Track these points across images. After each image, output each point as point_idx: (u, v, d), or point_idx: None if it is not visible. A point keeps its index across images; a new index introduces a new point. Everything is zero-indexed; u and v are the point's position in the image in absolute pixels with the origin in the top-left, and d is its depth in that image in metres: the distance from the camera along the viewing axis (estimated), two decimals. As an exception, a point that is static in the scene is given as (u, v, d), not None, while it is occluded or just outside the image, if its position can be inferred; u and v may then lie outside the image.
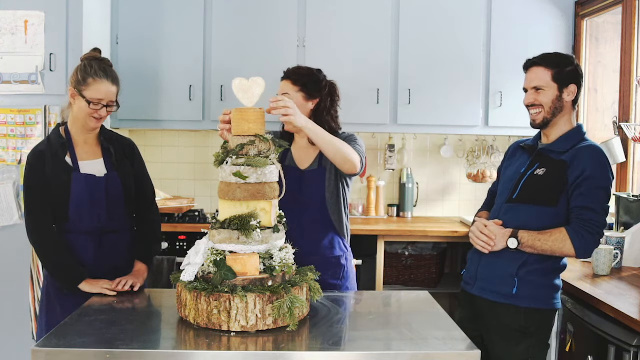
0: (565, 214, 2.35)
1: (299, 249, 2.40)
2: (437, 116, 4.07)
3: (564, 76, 2.39)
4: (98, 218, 2.49)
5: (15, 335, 3.38)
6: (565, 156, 2.36)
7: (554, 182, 2.34)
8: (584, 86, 4.06)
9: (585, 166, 2.30)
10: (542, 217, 2.35)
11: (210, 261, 2.01)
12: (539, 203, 2.37)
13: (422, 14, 4.05)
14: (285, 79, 2.68)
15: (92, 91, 2.41)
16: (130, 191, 2.58)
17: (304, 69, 2.70)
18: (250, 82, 2.12)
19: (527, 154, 2.51)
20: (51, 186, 2.44)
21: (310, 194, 2.63)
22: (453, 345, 1.87)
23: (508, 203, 2.45)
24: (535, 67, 2.43)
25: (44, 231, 2.45)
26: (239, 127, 2.08)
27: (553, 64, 2.40)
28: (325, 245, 2.65)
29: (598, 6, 3.87)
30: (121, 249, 2.56)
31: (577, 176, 2.30)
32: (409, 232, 3.90)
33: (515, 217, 2.40)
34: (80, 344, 1.83)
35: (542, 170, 2.39)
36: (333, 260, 2.66)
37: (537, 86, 2.41)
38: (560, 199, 2.34)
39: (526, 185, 2.41)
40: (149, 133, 4.40)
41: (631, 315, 2.18)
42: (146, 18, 4.04)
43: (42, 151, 2.47)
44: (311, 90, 2.65)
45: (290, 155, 2.71)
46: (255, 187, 2.04)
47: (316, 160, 2.68)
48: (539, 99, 2.41)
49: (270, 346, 1.84)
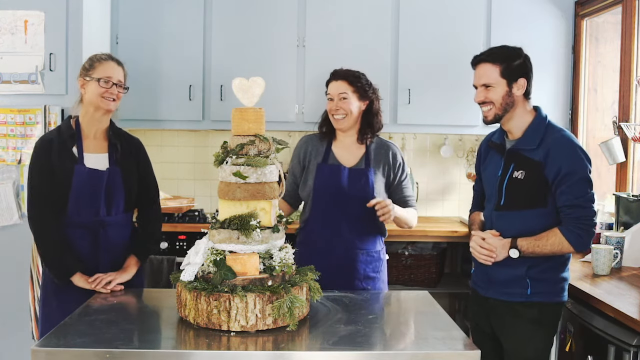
0: (556, 211, 2.36)
1: (346, 244, 2.76)
2: (437, 116, 4.06)
3: (512, 71, 2.39)
4: (96, 212, 2.50)
5: (15, 335, 3.38)
6: (538, 155, 2.35)
7: (536, 184, 2.35)
8: (584, 86, 4.08)
9: (560, 163, 2.30)
10: (536, 220, 2.37)
11: (210, 261, 2.01)
12: (529, 207, 2.38)
13: (422, 14, 4.05)
14: (341, 79, 2.80)
15: (100, 71, 2.51)
16: (132, 187, 2.59)
17: (355, 72, 2.85)
18: (250, 82, 2.12)
19: (499, 154, 2.50)
20: (55, 175, 2.46)
21: (358, 191, 2.75)
22: (453, 345, 1.87)
23: (498, 211, 2.46)
24: (483, 63, 2.44)
25: (44, 220, 2.47)
26: (239, 127, 2.09)
27: (500, 60, 2.40)
28: (369, 240, 2.82)
29: (598, 6, 3.87)
30: (119, 245, 2.56)
31: (556, 175, 2.31)
32: (409, 232, 3.89)
33: (511, 225, 2.41)
34: (80, 344, 1.83)
35: (520, 173, 2.38)
36: (375, 255, 2.85)
37: (486, 83, 2.41)
38: (547, 199, 2.35)
39: (510, 191, 2.41)
40: (149, 133, 4.40)
41: (631, 315, 2.18)
42: (146, 18, 4.04)
43: (51, 139, 2.51)
44: (364, 92, 2.80)
45: (333, 154, 2.83)
46: (255, 187, 2.04)
47: (362, 160, 2.82)
48: (489, 96, 2.41)
49: (270, 346, 1.84)
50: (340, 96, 2.77)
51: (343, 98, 2.77)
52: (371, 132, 2.83)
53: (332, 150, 2.84)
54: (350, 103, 2.77)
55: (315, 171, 2.80)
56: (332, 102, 2.80)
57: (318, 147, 2.86)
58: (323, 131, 2.88)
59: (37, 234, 2.49)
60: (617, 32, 3.66)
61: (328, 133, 2.86)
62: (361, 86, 2.79)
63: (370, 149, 2.83)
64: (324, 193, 2.77)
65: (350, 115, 2.77)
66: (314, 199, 2.79)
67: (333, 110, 2.79)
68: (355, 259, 2.78)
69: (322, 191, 2.78)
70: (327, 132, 2.86)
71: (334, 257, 2.75)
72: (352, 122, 2.80)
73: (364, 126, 2.82)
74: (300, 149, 2.90)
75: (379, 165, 2.81)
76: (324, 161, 2.81)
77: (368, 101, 2.82)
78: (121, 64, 2.59)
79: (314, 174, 2.80)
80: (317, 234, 2.80)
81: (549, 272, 2.40)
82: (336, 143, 2.86)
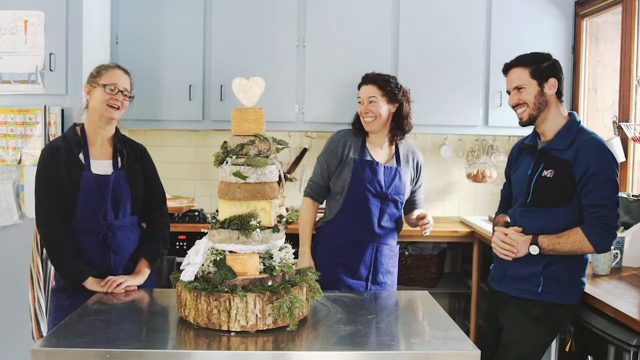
0: (580, 210, 2.39)
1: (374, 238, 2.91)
2: (437, 116, 4.06)
3: (542, 72, 2.46)
4: (104, 216, 2.51)
5: (15, 335, 3.38)
6: (568, 155, 2.39)
7: (563, 183, 2.39)
8: (584, 86, 4.08)
9: (589, 163, 2.34)
10: (559, 218, 2.41)
11: (210, 261, 2.01)
12: (554, 205, 2.42)
13: (422, 14, 4.05)
14: (371, 84, 2.92)
15: (107, 77, 2.55)
16: (138, 191, 2.61)
17: (385, 75, 2.96)
18: (250, 82, 2.12)
19: (530, 155, 2.55)
20: (62, 182, 2.47)
21: (392, 188, 2.91)
22: (453, 345, 1.87)
23: (523, 207, 2.50)
24: (513, 68, 2.51)
25: (54, 226, 2.48)
26: (239, 127, 2.09)
27: (530, 63, 2.48)
28: (392, 236, 3.00)
29: (598, 6, 3.87)
30: (128, 248, 2.58)
31: (583, 174, 2.34)
32: (409, 232, 3.88)
33: (533, 222, 2.45)
34: (80, 344, 1.83)
35: (550, 172, 2.42)
36: (395, 250, 3.04)
37: (518, 86, 2.48)
38: (573, 197, 2.39)
39: (537, 189, 2.45)
40: (149, 133, 4.40)
41: (631, 315, 2.18)
42: (146, 18, 4.04)
43: (58, 146, 2.53)
44: (393, 95, 2.90)
45: (368, 150, 2.94)
46: (255, 187, 2.04)
47: (394, 158, 2.97)
48: (522, 97, 2.47)
49: (270, 346, 1.84)
50: (369, 99, 2.89)
51: (372, 102, 2.88)
52: (401, 133, 2.96)
53: (367, 147, 2.95)
54: (379, 106, 2.88)
55: (353, 165, 2.89)
56: (361, 105, 2.93)
57: (355, 142, 2.95)
58: (356, 127, 2.99)
59: (48, 240, 2.50)
60: (617, 32, 3.66)
61: (362, 130, 2.97)
62: (390, 90, 2.89)
63: (399, 150, 2.98)
64: (360, 187, 2.88)
65: (380, 118, 2.89)
66: (349, 192, 2.89)
67: (362, 113, 2.91)
68: (381, 253, 2.92)
69: (358, 184, 2.87)
70: (361, 129, 2.97)
71: (361, 250, 2.89)
72: (382, 124, 2.91)
73: (394, 128, 2.94)
74: (338, 142, 2.96)
75: (407, 166, 2.99)
76: (361, 156, 2.91)
77: (397, 104, 2.92)
78: (128, 73, 2.62)
79: (351, 167, 2.89)
80: (345, 227, 2.90)
81: (564, 273, 2.43)
82: (369, 140, 2.97)
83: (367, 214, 2.89)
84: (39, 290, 3.22)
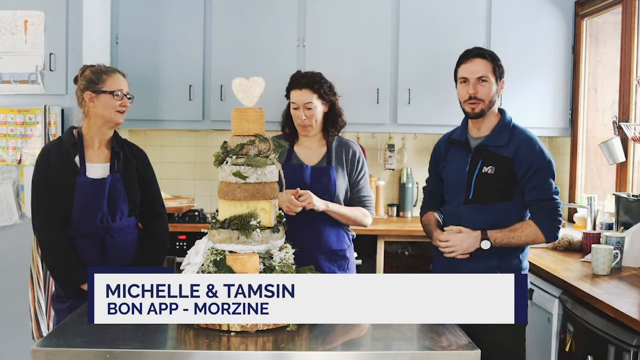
0: (521, 204, 2.48)
1: (309, 242, 2.63)
2: (437, 116, 4.06)
3: (500, 70, 2.51)
4: (101, 220, 2.50)
5: (15, 335, 3.38)
6: (508, 151, 2.46)
7: (505, 179, 2.45)
8: (584, 86, 4.08)
9: (530, 160, 2.43)
10: (504, 213, 2.47)
11: (210, 261, 2.01)
12: (495, 201, 2.47)
13: (422, 14, 4.05)
14: (305, 88, 2.72)
15: (111, 84, 2.51)
16: (134, 194, 2.60)
17: (316, 75, 2.76)
18: (250, 82, 2.12)
19: (464, 150, 2.56)
20: (55, 186, 2.46)
21: (319, 190, 2.70)
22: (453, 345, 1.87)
23: (466, 205, 2.51)
24: (479, 58, 2.50)
25: (48, 230, 2.47)
26: (239, 127, 2.08)
27: (492, 58, 2.51)
28: (332, 239, 2.76)
29: (598, 6, 3.87)
30: (126, 250, 2.57)
31: (526, 171, 2.43)
32: (409, 232, 3.90)
33: (481, 218, 2.47)
34: (80, 344, 1.83)
35: (490, 168, 2.47)
36: (340, 253, 2.79)
37: (482, 76, 2.47)
38: (514, 192, 2.46)
39: (479, 185, 2.48)
40: (149, 133, 4.40)
41: (631, 315, 2.18)
42: (146, 18, 4.04)
43: (52, 150, 2.52)
44: (326, 96, 2.75)
45: (295, 154, 2.79)
46: (255, 187, 2.04)
47: (324, 158, 2.79)
48: (483, 92, 2.46)
49: (270, 346, 1.84)
50: (306, 106, 2.71)
51: (309, 108, 2.71)
52: (335, 130, 2.81)
53: (295, 151, 2.80)
54: (316, 111, 2.72)
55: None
56: (297, 110, 2.73)
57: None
58: (286, 132, 2.83)
59: (43, 244, 2.50)
60: (617, 32, 3.65)
61: (291, 134, 2.82)
62: (324, 91, 2.73)
63: (331, 148, 2.80)
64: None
65: (317, 123, 2.75)
66: None
67: (300, 120, 2.73)
68: (317, 257, 2.70)
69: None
70: (290, 133, 2.82)
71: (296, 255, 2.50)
72: (319, 127, 2.78)
73: (327, 126, 2.79)
74: None
75: (340, 164, 2.78)
76: (287, 161, 2.77)
77: (329, 103, 2.78)
78: (125, 76, 2.61)
79: None
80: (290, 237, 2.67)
81: (514, 262, 2.50)
82: (299, 143, 2.82)
83: (301, 218, 2.62)
84: (39, 290, 3.21)
